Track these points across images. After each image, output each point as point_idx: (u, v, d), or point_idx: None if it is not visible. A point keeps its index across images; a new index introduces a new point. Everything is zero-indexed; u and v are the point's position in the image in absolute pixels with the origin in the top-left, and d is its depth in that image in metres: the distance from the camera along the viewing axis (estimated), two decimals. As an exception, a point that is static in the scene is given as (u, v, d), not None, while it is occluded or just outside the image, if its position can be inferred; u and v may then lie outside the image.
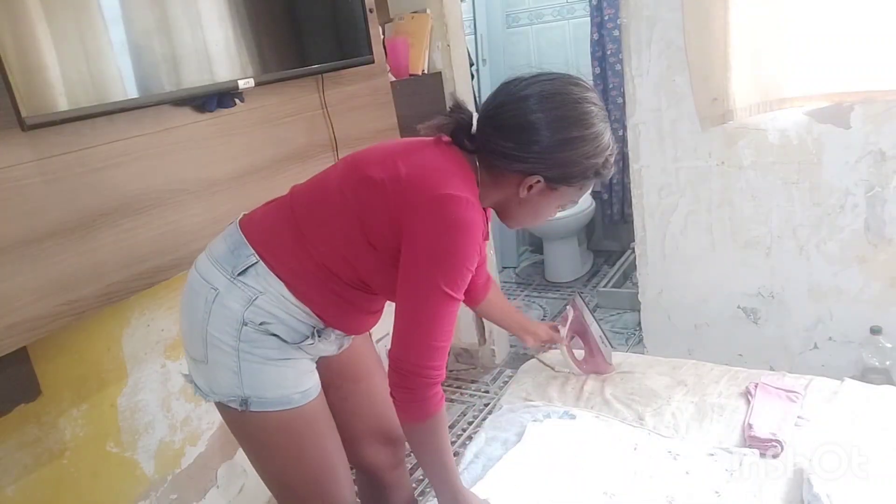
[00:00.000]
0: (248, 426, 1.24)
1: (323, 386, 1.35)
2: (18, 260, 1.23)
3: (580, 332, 1.70)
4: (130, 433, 1.66)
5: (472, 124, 1.18)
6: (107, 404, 1.61)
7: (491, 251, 2.71)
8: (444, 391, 1.44)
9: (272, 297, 1.17)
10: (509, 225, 1.29)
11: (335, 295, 1.21)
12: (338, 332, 1.27)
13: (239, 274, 1.17)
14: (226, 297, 1.17)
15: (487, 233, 1.24)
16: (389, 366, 1.13)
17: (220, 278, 1.18)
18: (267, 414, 1.20)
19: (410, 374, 1.11)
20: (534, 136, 1.12)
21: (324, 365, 1.34)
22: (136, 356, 1.67)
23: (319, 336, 1.23)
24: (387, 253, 1.15)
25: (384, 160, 1.17)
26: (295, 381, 1.22)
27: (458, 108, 1.20)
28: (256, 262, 1.18)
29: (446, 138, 1.19)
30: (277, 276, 1.17)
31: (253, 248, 1.19)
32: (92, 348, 1.57)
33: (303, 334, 1.21)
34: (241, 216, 1.28)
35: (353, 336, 1.36)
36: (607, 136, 1.16)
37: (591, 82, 3.29)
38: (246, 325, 1.16)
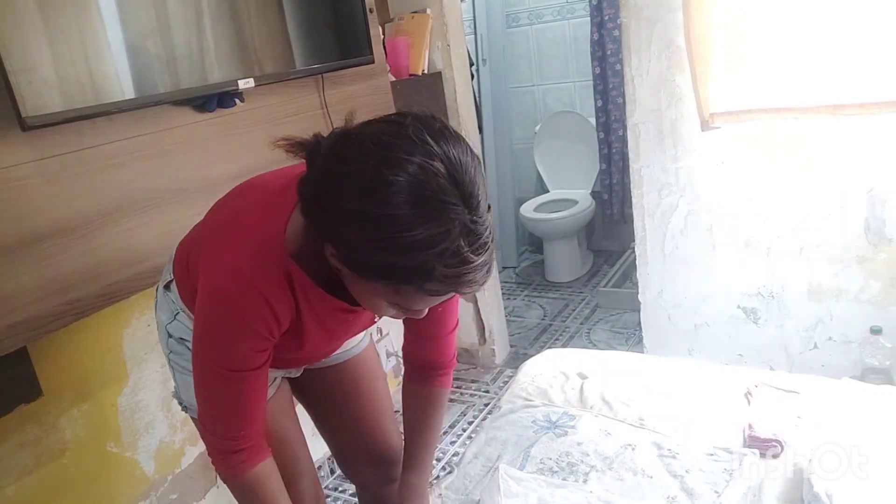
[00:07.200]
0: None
1: (315, 396, 1.34)
2: (19, 260, 1.23)
3: None
4: (130, 433, 1.66)
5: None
6: (107, 404, 1.61)
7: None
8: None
9: (189, 316, 1.12)
10: None
11: None
12: None
13: (164, 287, 1.17)
14: (159, 307, 1.19)
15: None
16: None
17: (160, 287, 1.19)
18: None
19: (207, 439, 1.05)
20: (322, 187, 0.84)
21: (318, 375, 1.33)
22: (137, 356, 1.67)
23: None
24: None
25: (225, 200, 1.07)
26: None
27: (342, 128, 0.89)
28: (171, 280, 1.15)
29: None
30: (181, 297, 1.12)
31: (173, 265, 1.15)
32: (92, 348, 1.57)
33: None
34: None
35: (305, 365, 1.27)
36: (430, 233, 0.77)
37: (591, 82, 3.32)
38: (170, 336, 1.16)
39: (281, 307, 0.95)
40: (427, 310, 0.93)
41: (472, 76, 2.82)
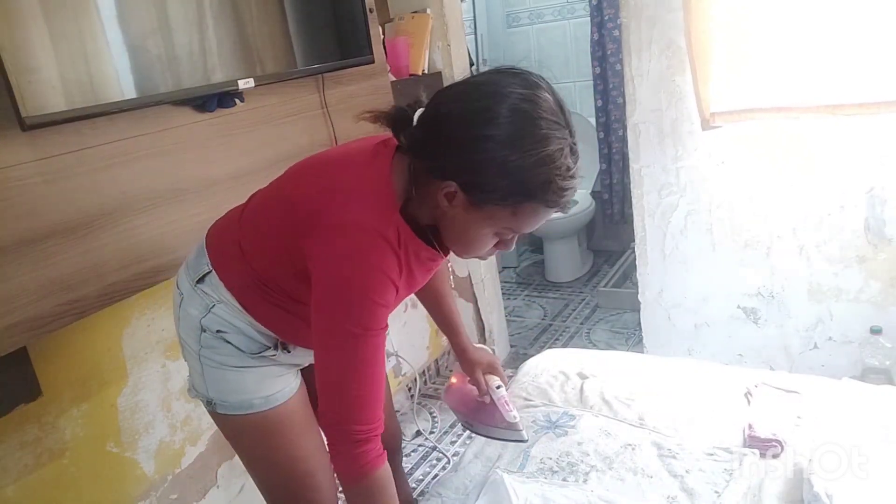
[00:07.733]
0: (221, 425, 1.25)
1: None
2: (19, 260, 1.23)
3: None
4: (130, 433, 1.66)
5: (412, 118, 1.02)
6: (107, 404, 1.61)
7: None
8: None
9: (229, 306, 1.14)
10: (451, 250, 1.11)
11: (282, 310, 1.14)
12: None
13: (198, 281, 1.17)
14: (188, 303, 1.18)
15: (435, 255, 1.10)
16: (318, 420, 1.06)
17: (185, 283, 1.19)
18: (231, 417, 1.20)
19: (336, 433, 1.03)
20: (440, 127, 0.97)
21: None
22: (137, 356, 1.67)
23: (285, 348, 1.19)
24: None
25: (309, 175, 1.11)
26: (256, 387, 1.18)
27: (414, 102, 1.05)
28: (210, 272, 1.16)
29: (391, 140, 1.07)
30: (227, 287, 1.14)
31: (208, 256, 1.17)
32: (92, 348, 1.57)
33: (262, 345, 1.17)
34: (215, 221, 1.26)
35: None
36: (551, 149, 0.93)
37: (591, 82, 3.32)
38: (204, 331, 1.16)
39: (399, 257, 1.02)
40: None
41: (473, 76, 2.82)
